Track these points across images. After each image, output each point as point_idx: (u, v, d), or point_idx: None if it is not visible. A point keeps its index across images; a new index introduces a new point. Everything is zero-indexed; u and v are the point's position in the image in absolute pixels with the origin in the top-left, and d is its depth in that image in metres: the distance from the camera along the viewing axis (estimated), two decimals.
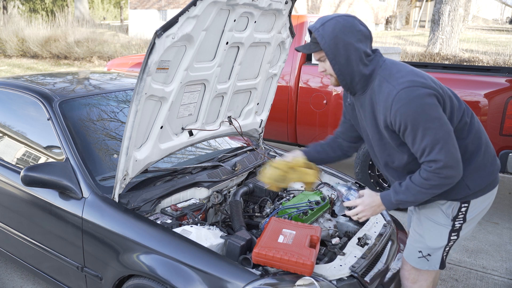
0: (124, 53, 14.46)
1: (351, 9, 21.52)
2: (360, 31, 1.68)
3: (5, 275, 3.01)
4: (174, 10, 20.46)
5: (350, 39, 1.65)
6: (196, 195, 2.40)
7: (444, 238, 1.85)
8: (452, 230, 1.83)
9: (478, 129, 1.79)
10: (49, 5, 30.85)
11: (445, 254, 1.90)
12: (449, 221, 1.82)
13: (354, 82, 1.74)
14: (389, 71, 1.68)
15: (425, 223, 1.88)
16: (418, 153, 1.65)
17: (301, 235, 1.90)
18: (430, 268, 1.91)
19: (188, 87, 2.31)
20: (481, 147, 1.78)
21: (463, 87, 3.86)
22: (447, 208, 1.81)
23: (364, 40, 1.69)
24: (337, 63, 1.70)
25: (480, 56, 11.43)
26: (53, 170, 2.15)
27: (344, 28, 1.65)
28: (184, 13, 1.95)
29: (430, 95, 1.59)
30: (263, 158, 2.97)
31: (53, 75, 3.28)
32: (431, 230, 1.86)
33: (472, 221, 1.86)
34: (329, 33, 1.66)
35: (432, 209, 1.84)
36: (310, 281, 1.71)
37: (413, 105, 1.57)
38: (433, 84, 1.64)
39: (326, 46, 1.67)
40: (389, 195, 1.78)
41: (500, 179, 5.34)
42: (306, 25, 4.65)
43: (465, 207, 1.80)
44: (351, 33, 1.66)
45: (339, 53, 1.67)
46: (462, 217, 1.81)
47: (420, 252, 1.90)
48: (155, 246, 1.90)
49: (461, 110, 1.75)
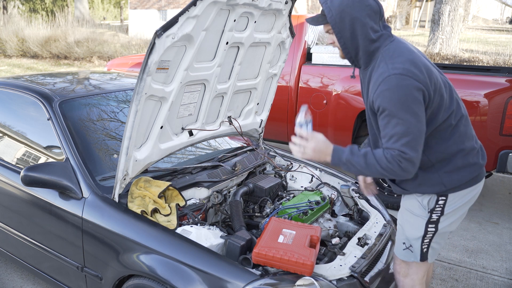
0: (124, 53, 14.46)
1: None
2: (369, 5, 1.67)
3: (5, 275, 3.01)
4: (174, 10, 20.47)
5: (357, 14, 1.65)
6: (196, 195, 2.40)
7: (421, 229, 1.85)
8: (428, 221, 1.83)
9: (464, 134, 1.79)
10: (49, 5, 30.85)
11: (424, 247, 1.88)
12: (426, 213, 1.83)
13: (358, 56, 1.76)
14: (392, 52, 1.68)
15: (405, 214, 1.91)
16: (385, 137, 1.64)
17: (301, 235, 1.90)
18: (415, 259, 1.91)
19: (188, 87, 2.31)
20: (462, 151, 1.78)
21: (463, 87, 3.86)
22: (423, 200, 1.83)
23: (372, 15, 1.68)
24: (342, 36, 1.71)
25: (480, 56, 11.43)
26: (53, 170, 2.15)
27: (352, 2, 1.66)
28: (184, 13, 1.95)
29: (418, 89, 1.59)
30: (263, 158, 2.97)
31: (53, 75, 3.28)
32: (409, 221, 1.89)
33: (452, 215, 1.84)
34: (336, 6, 1.67)
35: (410, 200, 1.87)
36: (310, 281, 1.71)
37: (398, 92, 1.58)
38: (426, 80, 1.63)
39: (332, 19, 1.69)
40: (343, 151, 1.72)
41: (500, 179, 5.34)
42: (306, 25, 4.65)
43: (442, 200, 1.80)
44: (359, 7, 1.66)
45: (344, 27, 1.68)
46: (440, 209, 1.82)
47: (404, 244, 1.93)
48: (155, 246, 1.90)
49: (449, 111, 1.74)
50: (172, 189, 2.25)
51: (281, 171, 2.92)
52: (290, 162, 3.05)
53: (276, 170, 2.94)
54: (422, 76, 1.62)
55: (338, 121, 4.36)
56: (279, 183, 2.69)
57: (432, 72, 1.70)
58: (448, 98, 1.75)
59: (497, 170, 3.78)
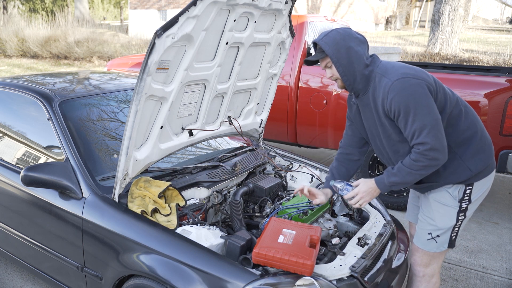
0: (124, 53, 14.46)
1: (351, 9, 21.51)
2: (357, 38, 1.94)
3: (5, 275, 3.01)
4: (174, 10, 20.46)
5: (350, 44, 1.91)
6: (196, 195, 2.40)
7: (453, 218, 2.01)
8: (459, 210, 2.00)
9: (473, 117, 2.00)
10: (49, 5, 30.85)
11: (454, 234, 2.04)
12: (456, 203, 1.99)
13: (357, 82, 1.96)
14: (385, 68, 1.92)
15: (435, 205, 2.04)
16: (409, 136, 1.85)
17: (301, 235, 1.90)
18: (438, 249, 2.06)
19: (188, 87, 2.31)
20: (477, 133, 1.97)
21: (463, 87, 3.86)
22: (454, 191, 1.98)
23: (361, 45, 1.95)
24: (340, 65, 1.93)
25: (480, 56, 11.43)
26: (53, 170, 2.15)
27: (343, 36, 1.92)
28: (184, 13, 1.95)
29: (420, 85, 1.81)
30: (263, 158, 2.97)
31: (53, 75, 3.28)
32: (440, 212, 2.03)
33: (477, 202, 2.03)
34: (331, 40, 1.92)
35: (440, 192, 2.02)
36: (310, 281, 1.71)
37: (405, 93, 1.80)
38: (425, 76, 1.86)
39: (330, 51, 1.92)
40: (383, 178, 1.97)
41: (500, 179, 5.34)
42: (306, 25, 4.65)
43: (469, 189, 1.98)
44: (350, 39, 1.92)
45: (341, 56, 1.91)
46: (468, 198, 1.99)
47: (429, 234, 2.06)
48: (155, 246, 1.90)
49: (454, 99, 1.96)
50: (172, 189, 2.25)
51: (281, 171, 2.92)
52: (290, 162, 3.05)
53: (276, 170, 2.94)
54: (419, 74, 1.86)
55: (338, 121, 4.35)
56: (279, 183, 2.69)
57: (425, 72, 1.92)
58: (448, 90, 1.97)
59: (497, 170, 3.78)
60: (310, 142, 4.73)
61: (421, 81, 1.82)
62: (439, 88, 1.91)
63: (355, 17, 21.76)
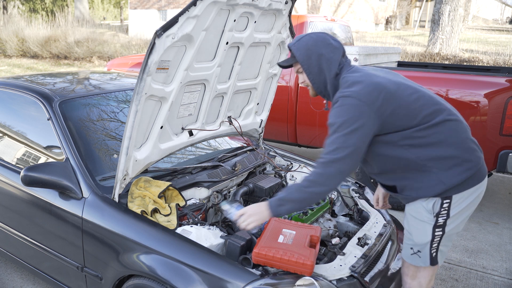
0: (124, 53, 14.46)
1: (351, 9, 21.51)
2: (330, 44, 1.87)
3: (5, 275, 3.01)
4: (174, 10, 20.46)
5: (321, 51, 1.86)
6: (196, 195, 2.40)
7: (428, 234, 1.85)
8: (435, 225, 1.84)
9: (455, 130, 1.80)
10: (49, 5, 30.85)
11: (433, 251, 1.89)
12: (431, 217, 1.83)
13: (327, 90, 1.92)
14: (346, 80, 1.82)
15: (410, 220, 1.91)
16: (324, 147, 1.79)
17: (301, 235, 1.90)
18: (424, 264, 1.92)
19: (188, 87, 2.31)
20: (455, 145, 1.78)
21: (463, 87, 3.86)
22: (428, 204, 1.82)
23: (335, 51, 1.87)
24: (311, 72, 1.89)
25: (480, 56, 11.43)
26: (53, 170, 2.15)
27: (316, 42, 1.87)
28: (184, 13, 1.95)
29: (357, 106, 1.71)
30: (263, 158, 2.97)
31: (53, 75, 3.27)
32: (416, 227, 1.89)
33: (458, 216, 1.85)
34: (303, 46, 1.88)
35: (414, 206, 1.87)
36: (310, 281, 1.71)
37: (340, 110, 1.74)
38: (370, 97, 1.71)
39: (301, 58, 1.88)
40: (273, 198, 1.84)
41: (500, 179, 5.34)
42: (306, 25, 4.66)
43: (447, 202, 1.80)
44: (323, 45, 1.86)
45: (312, 63, 1.87)
46: (445, 212, 1.82)
47: (411, 249, 1.93)
48: (155, 246, 1.90)
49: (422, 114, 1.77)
50: (172, 189, 2.25)
51: (281, 171, 2.92)
52: (290, 162, 3.05)
53: (276, 170, 2.94)
54: (362, 91, 1.73)
55: None
56: (279, 183, 2.69)
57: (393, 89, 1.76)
58: (415, 103, 1.77)
59: (497, 170, 3.78)
60: (310, 142, 4.73)
61: (362, 103, 1.70)
62: (392, 105, 1.74)
63: (355, 17, 21.76)
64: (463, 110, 3.85)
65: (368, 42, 16.20)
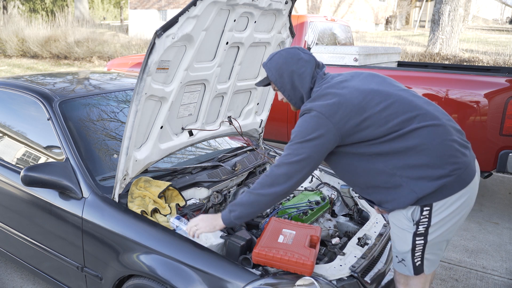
0: (124, 53, 14.46)
1: (351, 9, 21.52)
2: (301, 59, 1.87)
3: (5, 275, 3.01)
4: (174, 10, 20.46)
5: (292, 67, 1.86)
6: (196, 195, 2.40)
7: (409, 242, 1.79)
8: (415, 234, 1.76)
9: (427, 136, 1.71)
10: (49, 5, 30.85)
11: (417, 260, 1.81)
12: (411, 225, 1.76)
13: (302, 103, 1.91)
14: (317, 93, 1.82)
15: (393, 227, 1.87)
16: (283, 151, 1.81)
17: (301, 235, 1.90)
18: (409, 273, 1.85)
19: (188, 87, 2.31)
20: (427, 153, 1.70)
21: (463, 87, 3.86)
22: (407, 212, 1.76)
23: (306, 65, 1.87)
24: (285, 90, 1.91)
25: (480, 56, 11.43)
26: (53, 170, 2.15)
27: (286, 59, 1.88)
28: (184, 13, 1.95)
29: (316, 119, 1.72)
30: (263, 158, 2.97)
31: (53, 75, 3.28)
32: (397, 235, 1.84)
33: (442, 224, 1.75)
34: (274, 65, 1.90)
35: (395, 214, 1.82)
36: (310, 281, 1.71)
37: (301, 122, 1.77)
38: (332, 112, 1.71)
39: (273, 77, 1.91)
40: (227, 207, 1.84)
41: (500, 179, 5.34)
42: (306, 25, 4.66)
43: (427, 210, 1.72)
44: (293, 62, 1.87)
45: (284, 81, 1.89)
46: (426, 221, 1.74)
47: (397, 257, 1.89)
48: (155, 246, 1.90)
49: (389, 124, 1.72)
50: (172, 189, 2.25)
51: None
52: None
53: None
54: (332, 112, 1.72)
55: None
56: None
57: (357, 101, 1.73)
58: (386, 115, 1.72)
59: (497, 170, 3.78)
60: None
61: (321, 115, 1.71)
62: (364, 117, 1.71)
63: (355, 17, 21.77)
64: (463, 110, 3.85)
65: (368, 42, 16.21)
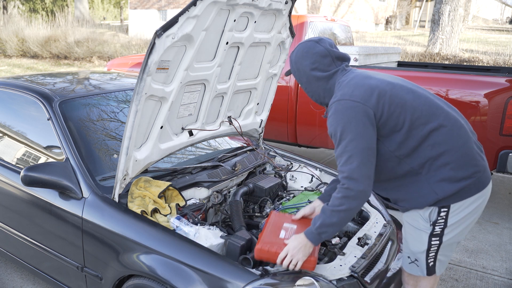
0: (124, 53, 14.45)
1: (351, 9, 21.52)
2: (316, 53, 1.85)
3: (5, 275, 3.01)
4: (174, 10, 20.46)
5: (306, 62, 1.87)
6: (196, 195, 2.40)
7: (424, 242, 1.82)
8: (432, 234, 1.79)
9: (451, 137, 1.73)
10: (49, 5, 30.85)
11: (430, 261, 1.84)
12: (428, 226, 1.79)
13: (321, 97, 1.92)
14: (341, 84, 1.81)
15: (407, 228, 1.89)
16: (337, 160, 1.74)
17: (302, 230, 1.90)
18: (421, 274, 1.88)
19: (188, 87, 2.31)
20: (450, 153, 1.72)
21: (463, 87, 3.86)
22: (425, 213, 1.79)
23: (321, 59, 1.85)
24: (302, 83, 1.95)
25: (480, 56, 11.43)
26: (53, 170, 2.15)
27: (302, 53, 1.89)
28: (184, 13, 1.95)
29: (353, 108, 1.68)
30: (263, 158, 2.97)
31: (53, 75, 3.28)
32: (412, 235, 1.86)
33: (457, 226, 1.78)
34: (293, 60, 1.94)
35: (411, 214, 1.84)
36: (310, 281, 1.71)
37: (336, 116, 1.71)
38: (367, 97, 1.69)
39: (293, 71, 1.96)
40: (310, 228, 1.77)
41: (500, 179, 5.34)
42: (306, 25, 4.66)
43: (444, 211, 1.75)
44: (307, 57, 1.87)
45: (300, 75, 1.92)
46: (443, 221, 1.76)
47: (409, 258, 1.91)
48: (155, 246, 1.90)
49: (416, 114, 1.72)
50: (172, 189, 2.25)
51: (281, 171, 2.92)
52: (290, 162, 3.05)
53: (276, 170, 2.94)
54: (358, 94, 1.71)
55: None
56: (279, 183, 2.69)
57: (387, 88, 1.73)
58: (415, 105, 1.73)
59: (497, 170, 3.78)
60: (310, 142, 4.73)
61: (357, 104, 1.67)
62: (394, 108, 1.71)
63: (355, 17, 21.77)
64: (463, 110, 3.85)
65: (368, 42, 16.20)
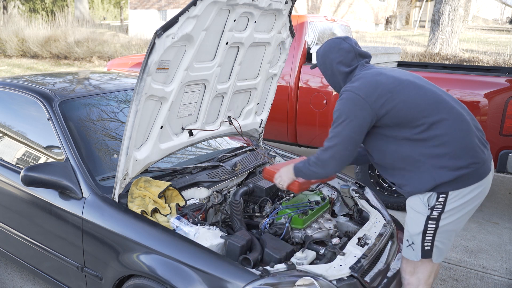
0: (124, 53, 14.45)
1: (351, 9, 21.51)
2: (342, 49, 2.08)
3: (5, 275, 3.01)
4: (174, 10, 20.46)
5: (333, 56, 2.10)
6: (196, 195, 2.40)
7: (421, 224, 1.95)
8: (429, 217, 1.93)
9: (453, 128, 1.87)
10: (49, 5, 30.84)
11: (427, 244, 1.96)
12: (426, 209, 1.93)
13: (341, 87, 2.10)
14: (356, 77, 2.02)
15: (408, 211, 2.04)
16: None
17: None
18: (416, 258, 2.00)
19: (188, 87, 2.31)
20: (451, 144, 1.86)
21: (463, 87, 3.86)
22: (424, 197, 1.93)
23: (345, 55, 2.08)
24: (326, 75, 2.18)
25: (480, 56, 11.43)
26: (53, 170, 2.15)
27: (330, 48, 2.12)
28: (184, 13, 1.95)
29: (353, 100, 1.91)
30: (263, 158, 2.97)
31: (53, 75, 3.28)
32: (411, 217, 2.01)
33: (454, 212, 1.91)
34: (320, 52, 2.16)
35: (413, 198, 1.98)
36: (310, 281, 1.71)
37: (339, 103, 1.96)
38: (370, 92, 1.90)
39: (318, 63, 2.18)
40: (297, 163, 2.14)
41: (500, 179, 5.34)
42: (306, 25, 4.66)
43: (443, 197, 1.89)
44: (335, 51, 2.09)
45: (326, 68, 2.15)
46: (441, 207, 1.90)
47: (407, 241, 2.04)
48: (155, 246, 1.90)
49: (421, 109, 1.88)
50: (172, 189, 2.25)
51: None
52: None
53: None
54: (363, 88, 1.92)
55: None
56: None
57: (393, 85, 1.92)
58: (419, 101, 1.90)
59: (497, 170, 3.78)
60: (310, 142, 4.73)
61: (358, 97, 1.89)
62: (396, 103, 1.88)
63: (355, 17, 21.76)
64: None
65: (368, 42, 16.20)
